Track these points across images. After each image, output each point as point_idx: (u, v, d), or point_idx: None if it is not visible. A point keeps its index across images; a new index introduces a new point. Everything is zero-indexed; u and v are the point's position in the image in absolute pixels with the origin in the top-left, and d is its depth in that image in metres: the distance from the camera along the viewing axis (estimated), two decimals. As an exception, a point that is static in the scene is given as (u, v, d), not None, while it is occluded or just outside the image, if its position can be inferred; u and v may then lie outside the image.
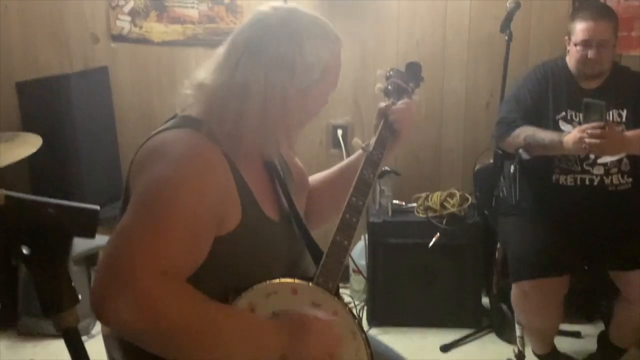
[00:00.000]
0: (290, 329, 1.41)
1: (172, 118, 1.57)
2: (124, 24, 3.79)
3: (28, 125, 3.57)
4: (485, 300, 3.55)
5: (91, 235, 1.15)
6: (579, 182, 2.90)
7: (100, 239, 1.53)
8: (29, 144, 2.69)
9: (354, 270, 3.68)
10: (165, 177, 1.36)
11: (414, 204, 3.52)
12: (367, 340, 1.56)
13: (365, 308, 3.54)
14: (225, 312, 1.36)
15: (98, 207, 1.17)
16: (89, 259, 3.33)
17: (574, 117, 2.90)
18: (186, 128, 1.48)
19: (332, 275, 1.55)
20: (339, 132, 3.81)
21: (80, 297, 1.20)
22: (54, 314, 1.15)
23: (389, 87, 1.87)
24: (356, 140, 1.82)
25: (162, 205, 1.32)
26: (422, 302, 3.49)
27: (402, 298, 3.49)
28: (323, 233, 1.80)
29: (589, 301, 3.46)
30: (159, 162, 1.40)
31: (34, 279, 1.13)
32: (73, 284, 1.16)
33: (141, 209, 1.33)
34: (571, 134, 2.73)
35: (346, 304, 1.56)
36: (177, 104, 1.56)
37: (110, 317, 1.24)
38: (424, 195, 3.52)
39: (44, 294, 1.14)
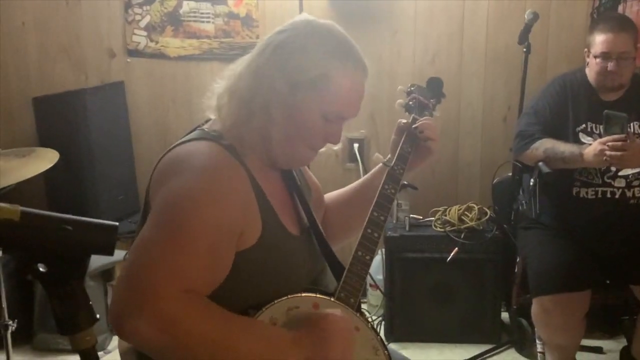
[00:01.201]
0: (311, 340, 1.38)
1: (192, 131, 1.55)
2: (140, 39, 3.80)
3: (44, 140, 3.58)
4: (504, 315, 3.51)
5: (109, 252, 1.13)
6: (600, 195, 2.86)
7: (117, 254, 1.51)
8: (45, 159, 2.68)
9: (371, 285, 3.65)
10: (185, 191, 1.34)
11: (432, 218, 3.49)
12: (389, 357, 1.55)
13: (383, 323, 3.50)
14: (245, 326, 1.35)
15: (117, 224, 1.14)
16: (105, 274, 3.32)
17: (594, 130, 2.87)
18: (206, 140, 1.46)
19: (354, 290, 1.53)
20: (356, 145, 3.80)
21: (97, 315, 1.18)
22: (71, 334, 1.12)
23: (410, 102, 1.85)
24: (377, 156, 1.79)
25: (183, 219, 1.30)
26: (441, 317, 3.45)
27: (420, 313, 3.45)
28: (342, 248, 1.78)
29: (610, 316, 3.41)
30: (179, 175, 1.38)
31: (50, 298, 1.11)
32: (91, 303, 1.14)
33: (161, 222, 1.31)
34: (592, 147, 2.70)
35: (368, 320, 1.54)
36: (199, 116, 1.55)
37: (130, 334, 1.22)
38: (441, 209, 3.50)
39: (61, 313, 1.11)
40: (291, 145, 1.52)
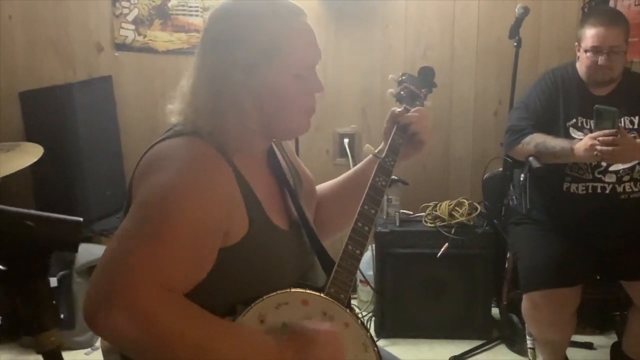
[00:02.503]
0: (293, 344, 1.36)
1: (171, 128, 1.51)
2: (128, 32, 3.76)
3: (31, 135, 3.54)
4: (495, 311, 3.50)
5: (74, 249, 1.08)
6: (590, 190, 2.85)
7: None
8: (30, 154, 2.65)
9: (361, 281, 3.63)
10: (167, 185, 1.31)
11: (422, 214, 3.48)
12: (378, 354, 1.53)
13: (373, 319, 3.49)
14: (224, 327, 1.31)
15: (81, 219, 1.10)
16: (92, 270, 3.28)
17: (585, 125, 2.86)
18: (188, 135, 1.43)
19: (344, 285, 1.51)
20: (346, 140, 3.78)
21: (62, 315, 1.14)
22: (34, 334, 1.08)
23: (401, 92, 1.81)
24: (368, 147, 1.75)
25: (163, 214, 1.27)
26: (431, 313, 3.44)
27: (410, 309, 3.44)
28: (332, 242, 1.76)
29: (601, 312, 3.41)
30: (161, 170, 1.35)
31: (11, 298, 1.06)
32: (54, 302, 1.09)
33: (141, 217, 1.28)
34: (582, 142, 2.69)
35: (358, 316, 1.52)
36: (170, 114, 1.51)
37: (104, 328, 1.18)
38: (432, 204, 3.48)
39: (23, 313, 1.07)
40: (286, 119, 1.50)
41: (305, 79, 1.50)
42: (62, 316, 1.15)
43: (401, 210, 3.50)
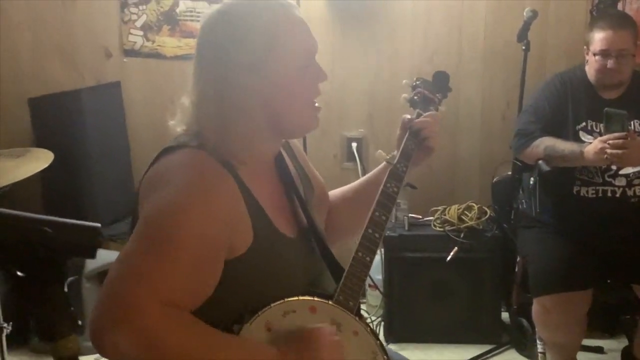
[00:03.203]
0: (293, 347, 1.36)
1: (178, 135, 1.51)
2: (136, 38, 3.77)
3: (40, 141, 3.55)
4: (504, 315, 3.49)
5: (91, 255, 1.08)
6: (600, 194, 2.84)
7: (113, 255, 1.47)
8: (40, 160, 2.64)
9: (370, 286, 3.62)
10: (170, 203, 1.32)
11: (431, 218, 3.47)
12: (389, 362, 1.51)
13: (382, 324, 3.48)
14: (228, 342, 1.32)
15: (99, 225, 1.10)
16: (102, 275, 3.29)
17: (594, 128, 2.85)
18: (192, 148, 1.42)
19: (353, 293, 1.50)
20: (354, 145, 3.78)
21: (79, 322, 1.14)
22: (51, 341, 1.08)
23: (415, 97, 1.80)
24: (380, 153, 1.74)
25: (166, 232, 1.28)
26: (440, 317, 3.42)
27: (419, 313, 3.43)
28: (341, 249, 1.75)
29: (611, 316, 3.40)
30: (164, 187, 1.35)
31: (28, 303, 1.06)
32: (72, 309, 1.09)
33: (145, 235, 1.29)
34: (592, 145, 2.68)
35: (367, 324, 1.51)
36: (174, 125, 1.51)
37: (109, 348, 1.20)
38: (441, 208, 3.47)
39: (40, 319, 1.07)
40: (295, 114, 1.49)
41: (308, 69, 1.49)
42: (79, 323, 1.14)
43: (410, 214, 3.49)
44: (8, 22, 3.78)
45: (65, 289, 1.10)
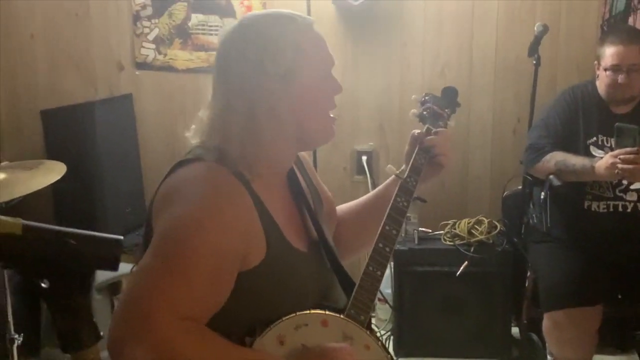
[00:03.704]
0: None
1: (191, 150, 1.52)
2: (148, 51, 3.80)
3: (53, 153, 3.57)
4: (515, 330, 3.46)
5: (114, 267, 1.10)
6: (611, 208, 2.83)
7: (124, 267, 1.47)
8: (53, 172, 2.67)
9: (379, 299, 3.61)
10: (185, 217, 1.33)
11: (441, 232, 3.46)
12: (400, 375, 1.51)
13: (392, 338, 3.46)
14: (244, 356, 1.33)
15: (121, 238, 1.12)
16: (112, 287, 3.30)
17: (605, 143, 2.85)
18: (206, 161, 1.43)
19: (364, 307, 1.50)
20: (364, 158, 3.78)
21: (101, 333, 1.15)
22: (74, 351, 1.09)
23: (424, 112, 1.81)
24: (390, 167, 1.74)
25: (182, 247, 1.29)
26: (450, 331, 3.41)
27: (429, 328, 3.42)
28: (351, 262, 1.76)
29: (622, 331, 3.37)
30: (179, 201, 1.36)
31: (52, 314, 1.08)
32: (95, 320, 1.11)
33: (161, 249, 1.30)
34: (603, 160, 2.68)
35: (378, 338, 1.51)
36: (190, 138, 1.53)
37: None
38: (451, 222, 3.47)
39: (64, 330, 1.09)
40: (317, 122, 1.52)
41: (327, 80, 1.53)
42: (102, 333, 1.16)
43: (420, 228, 3.48)
44: (22, 35, 3.82)
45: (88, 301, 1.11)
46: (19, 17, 3.81)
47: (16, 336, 2.67)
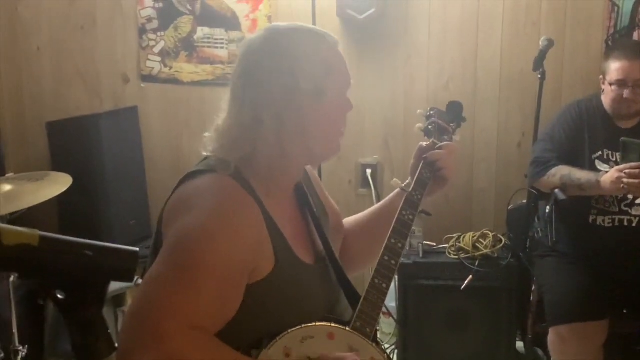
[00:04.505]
0: None
1: (203, 160, 1.53)
2: (154, 64, 3.82)
3: (58, 165, 3.58)
4: (519, 345, 3.45)
5: (129, 279, 1.10)
6: (617, 223, 2.83)
7: (128, 279, 1.47)
8: (59, 184, 2.68)
9: (383, 313, 3.59)
10: (195, 228, 1.33)
11: (446, 245, 3.45)
12: (405, 389, 1.51)
13: (396, 352, 3.45)
14: None
15: (137, 250, 1.12)
16: (116, 299, 3.30)
17: (610, 157, 2.85)
18: (216, 173, 1.44)
19: (370, 319, 1.51)
20: (368, 171, 3.78)
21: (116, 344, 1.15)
22: None
23: (430, 126, 1.82)
24: (395, 181, 1.75)
25: (193, 258, 1.30)
26: (455, 346, 3.39)
27: (433, 342, 3.40)
28: (357, 275, 1.75)
29: (628, 346, 3.34)
30: (190, 212, 1.37)
31: (68, 326, 1.08)
32: (110, 331, 1.11)
33: (171, 260, 1.31)
34: (609, 174, 2.68)
35: (384, 351, 1.51)
36: (202, 147, 1.53)
37: None
38: (455, 236, 3.46)
39: (79, 342, 1.08)
40: (328, 138, 1.53)
41: (344, 99, 1.55)
42: (116, 345, 1.17)
43: (424, 242, 3.47)
44: (29, 48, 3.84)
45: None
46: (26, 30, 3.83)
47: (20, 348, 2.67)
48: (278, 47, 1.48)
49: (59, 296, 1.07)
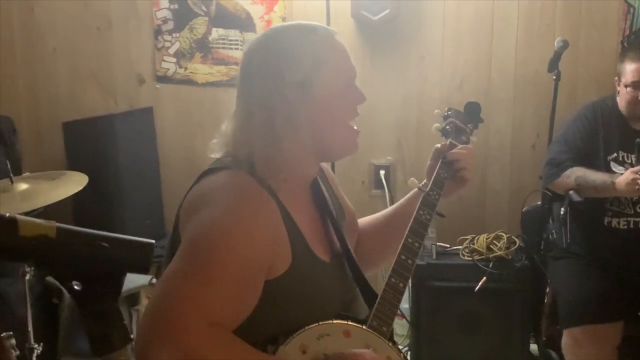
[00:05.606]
0: None
1: (218, 158, 1.54)
2: (169, 65, 3.84)
3: (73, 165, 3.61)
4: (533, 347, 3.44)
5: (145, 270, 1.11)
6: (632, 225, 2.82)
7: (143, 278, 1.49)
8: (75, 183, 2.70)
9: (397, 314, 3.59)
10: (214, 224, 1.34)
11: (459, 247, 3.44)
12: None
13: (409, 353, 3.44)
14: None
15: (153, 241, 1.13)
16: (131, 298, 3.32)
17: (626, 159, 2.83)
18: (234, 170, 1.45)
19: (386, 318, 1.51)
20: (382, 172, 3.78)
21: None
22: (105, 354, 1.10)
23: (447, 127, 1.82)
24: (412, 180, 1.75)
25: (211, 253, 1.30)
26: (468, 347, 3.38)
27: (447, 343, 3.39)
28: (373, 274, 1.75)
29: (643, 349, 3.33)
30: (207, 208, 1.38)
31: (83, 317, 1.09)
32: (125, 322, 1.12)
33: (189, 255, 1.31)
34: (624, 176, 2.67)
35: (400, 350, 1.51)
36: (213, 150, 1.54)
37: None
38: (469, 237, 3.44)
39: (95, 333, 1.09)
40: (336, 133, 1.52)
41: (349, 89, 1.53)
42: (132, 336, 1.18)
43: (438, 243, 3.46)
44: (44, 48, 3.87)
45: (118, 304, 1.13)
46: (41, 31, 3.86)
47: (36, 346, 2.69)
48: (267, 43, 1.51)
49: (75, 287, 1.08)
